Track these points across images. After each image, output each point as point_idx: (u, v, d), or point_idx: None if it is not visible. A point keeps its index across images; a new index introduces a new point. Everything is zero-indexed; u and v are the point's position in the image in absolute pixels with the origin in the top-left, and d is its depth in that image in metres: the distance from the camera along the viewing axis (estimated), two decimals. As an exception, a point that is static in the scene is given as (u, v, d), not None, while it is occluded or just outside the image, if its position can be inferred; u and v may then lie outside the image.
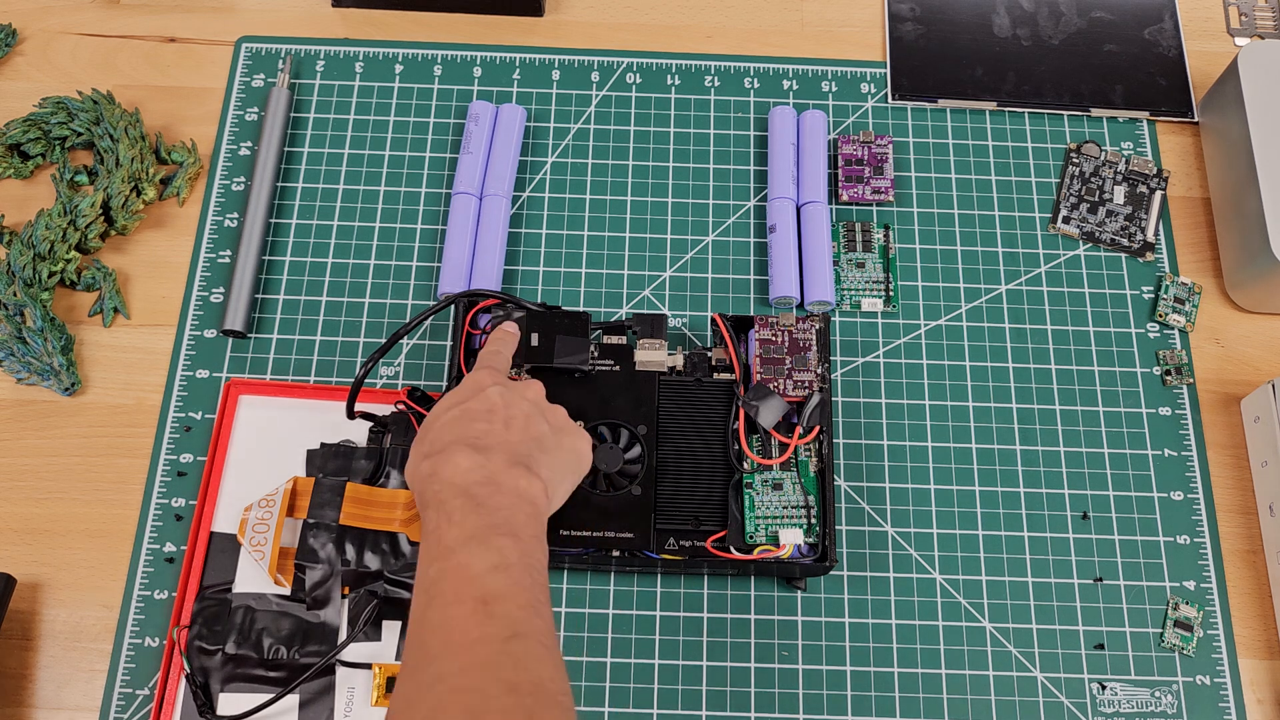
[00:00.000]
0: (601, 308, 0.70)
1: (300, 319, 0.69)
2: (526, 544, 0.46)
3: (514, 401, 0.53)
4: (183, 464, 0.66)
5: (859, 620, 0.63)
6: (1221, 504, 0.67)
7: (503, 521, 0.46)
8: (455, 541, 0.45)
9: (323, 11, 0.80)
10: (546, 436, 0.52)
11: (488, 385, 0.53)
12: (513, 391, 0.53)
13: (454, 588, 0.44)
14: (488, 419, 0.51)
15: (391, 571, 0.60)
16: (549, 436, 0.53)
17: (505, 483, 0.48)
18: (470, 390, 0.53)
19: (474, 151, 0.72)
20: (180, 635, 0.60)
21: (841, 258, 0.72)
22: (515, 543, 0.45)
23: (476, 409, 0.52)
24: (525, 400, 0.53)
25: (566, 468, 0.53)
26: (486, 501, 0.47)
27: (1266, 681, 0.63)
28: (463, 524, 0.46)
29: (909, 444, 0.67)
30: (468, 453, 0.49)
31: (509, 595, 0.44)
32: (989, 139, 0.76)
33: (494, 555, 0.44)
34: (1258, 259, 0.67)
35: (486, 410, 0.51)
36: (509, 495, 0.47)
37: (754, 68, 0.78)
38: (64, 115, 0.73)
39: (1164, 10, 0.81)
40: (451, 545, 0.45)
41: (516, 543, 0.45)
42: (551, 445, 0.53)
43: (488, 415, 0.51)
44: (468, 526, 0.46)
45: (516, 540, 0.45)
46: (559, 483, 0.52)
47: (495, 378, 0.54)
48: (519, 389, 0.54)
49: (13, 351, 0.67)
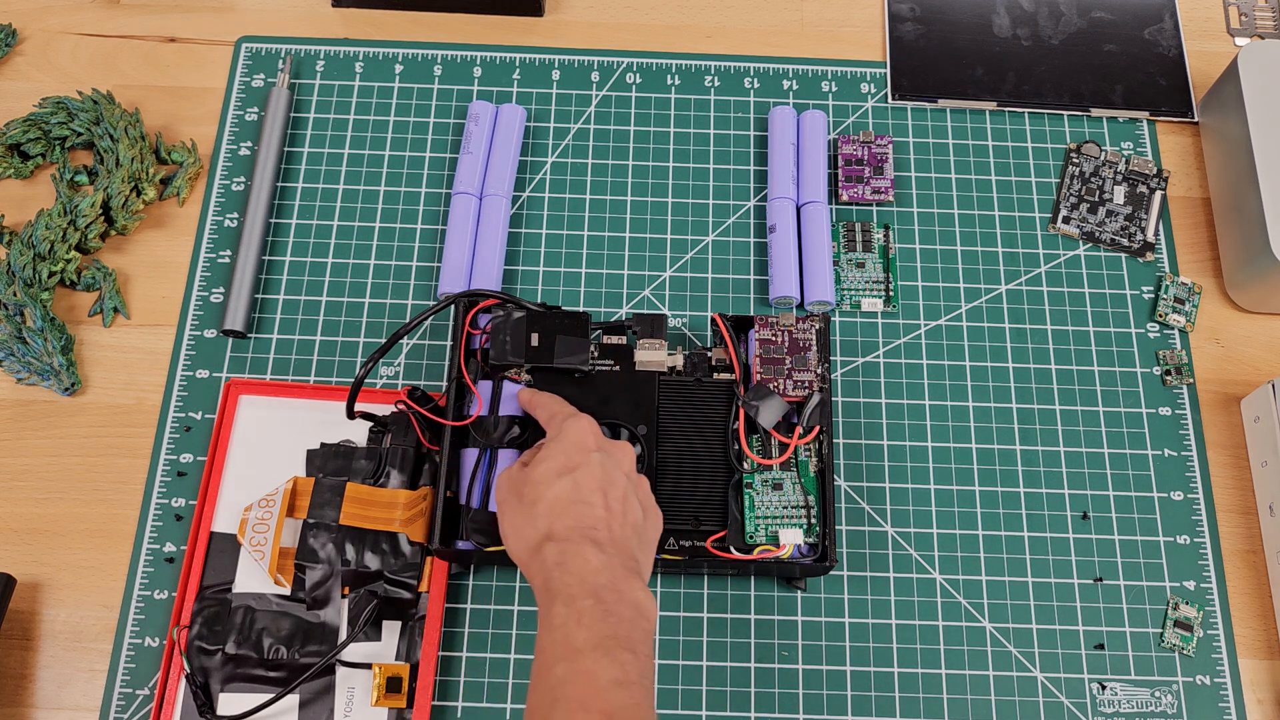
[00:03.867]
0: (601, 308, 0.70)
1: (300, 319, 0.69)
2: (643, 663, 0.47)
3: (615, 478, 0.53)
4: (183, 464, 0.66)
5: (859, 620, 0.63)
6: (1221, 504, 0.67)
7: (625, 635, 0.47)
8: (583, 645, 0.46)
9: (323, 11, 0.80)
10: (641, 525, 0.53)
11: (592, 448, 0.54)
12: (612, 459, 0.54)
13: (580, 697, 0.45)
14: (599, 504, 0.52)
15: (391, 571, 0.60)
16: (642, 525, 0.53)
17: (626, 593, 0.48)
18: (577, 450, 0.54)
19: (474, 151, 0.72)
20: (180, 635, 0.60)
21: (841, 258, 0.72)
22: (635, 659, 0.46)
23: (587, 485, 0.52)
24: (622, 474, 0.54)
25: (652, 555, 0.54)
26: (613, 610, 0.47)
27: (1266, 681, 0.63)
28: (591, 629, 0.47)
29: (909, 444, 0.67)
30: (594, 551, 0.49)
31: (628, 715, 0.45)
32: (989, 139, 0.76)
33: (617, 669, 0.46)
34: (1258, 259, 0.67)
35: (596, 489, 0.52)
36: (629, 607, 0.48)
37: (754, 68, 0.78)
38: (64, 115, 0.73)
39: (1164, 10, 0.81)
40: (579, 648, 0.46)
41: (636, 660, 0.46)
42: (647, 537, 0.54)
43: (599, 496, 0.52)
44: (595, 633, 0.46)
45: (636, 657, 0.47)
46: (648, 573, 0.53)
47: (596, 435, 0.55)
48: (617, 457, 0.54)
49: (13, 351, 0.67)
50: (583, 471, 0.52)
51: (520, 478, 0.54)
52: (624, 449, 0.56)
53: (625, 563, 0.50)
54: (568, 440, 0.54)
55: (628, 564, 0.50)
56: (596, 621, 0.47)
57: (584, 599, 0.48)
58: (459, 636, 0.62)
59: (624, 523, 0.52)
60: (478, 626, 0.62)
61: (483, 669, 0.61)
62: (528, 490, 0.53)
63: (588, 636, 0.46)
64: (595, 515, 0.51)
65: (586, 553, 0.49)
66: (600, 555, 0.49)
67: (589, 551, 0.49)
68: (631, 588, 0.49)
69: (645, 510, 0.54)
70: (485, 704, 0.61)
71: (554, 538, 0.50)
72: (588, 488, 0.52)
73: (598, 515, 0.51)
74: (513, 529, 0.53)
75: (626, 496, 0.53)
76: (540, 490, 0.52)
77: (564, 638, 0.47)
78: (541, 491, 0.52)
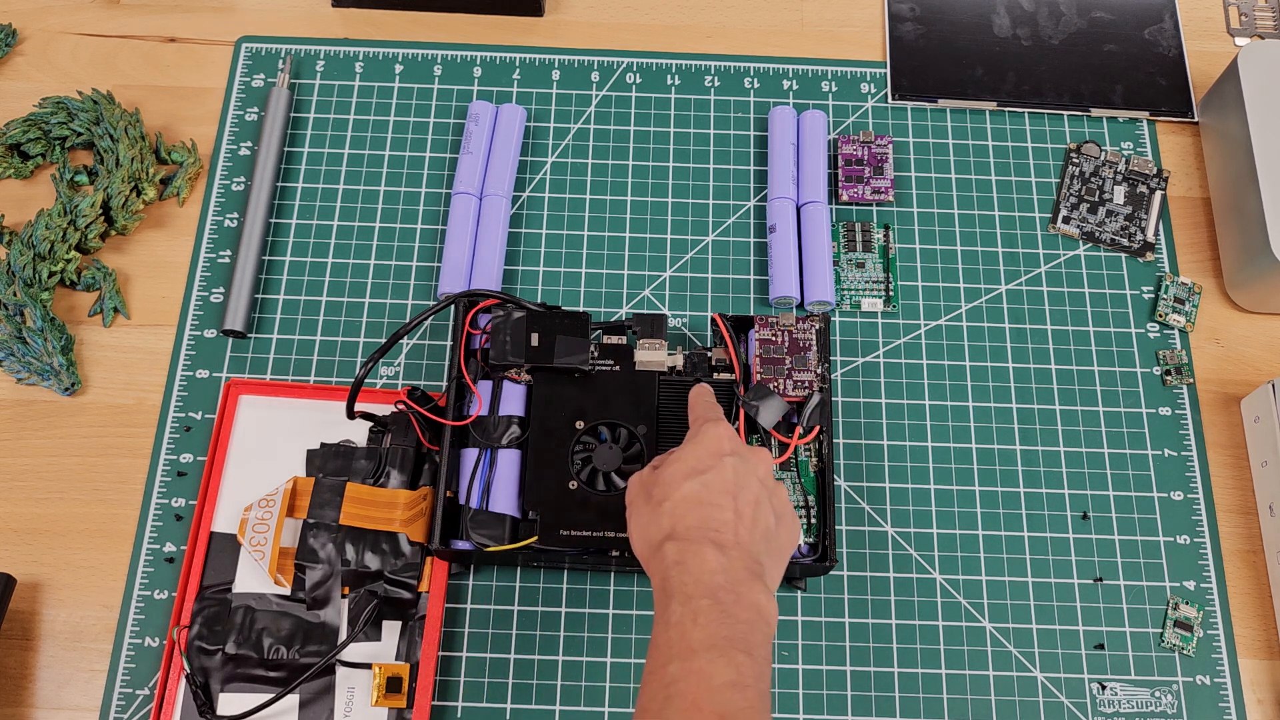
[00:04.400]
0: (601, 308, 0.70)
1: (300, 319, 0.69)
2: (760, 666, 0.47)
3: (748, 483, 0.52)
4: (183, 464, 0.66)
5: (859, 620, 0.63)
6: (1221, 504, 0.67)
7: (741, 636, 0.47)
8: (699, 644, 0.46)
9: (323, 11, 0.80)
10: (772, 531, 0.52)
11: (726, 452, 0.53)
12: (746, 465, 0.53)
13: (693, 696, 0.45)
14: (728, 507, 0.51)
15: (391, 571, 0.60)
16: (774, 531, 0.53)
17: (745, 595, 0.48)
18: (709, 454, 0.53)
19: (474, 151, 0.72)
20: (180, 635, 0.60)
21: (841, 258, 0.72)
22: (751, 662, 0.46)
23: (716, 487, 0.51)
24: (756, 479, 0.53)
25: (783, 563, 0.54)
26: (730, 610, 0.47)
27: (1266, 681, 0.63)
28: (707, 628, 0.46)
29: (909, 444, 0.67)
30: (714, 551, 0.49)
31: (743, 718, 0.44)
32: (989, 139, 0.76)
33: (732, 671, 0.45)
34: (1258, 259, 0.67)
35: (725, 492, 0.51)
36: (748, 609, 0.48)
37: (754, 68, 0.78)
38: (64, 115, 0.73)
39: (1164, 10, 0.81)
40: (695, 647, 0.46)
41: (752, 662, 0.46)
42: (779, 543, 0.53)
43: (728, 500, 0.51)
44: (711, 633, 0.46)
45: (752, 659, 0.46)
46: (777, 580, 0.53)
47: (733, 440, 0.54)
48: (752, 462, 0.54)
49: (13, 351, 0.67)
50: (713, 474, 0.52)
51: (650, 479, 0.53)
52: (761, 455, 0.55)
53: (748, 565, 0.49)
54: (702, 444, 0.53)
55: (751, 567, 0.49)
56: (713, 622, 0.46)
57: (701, 598, 0.47)
58: (459, 636, 0.62)
59: (752, 527, 0.51)
60: (478, 626, 0.62)
61: (483, 669, 0.61)
62: (656, 490, 0.52)
63: (703, 636, 0.46)
64: (721, 518, 0.50)
65: (706, 553, 0.49)
66: (720, 556, 0.49)
67: (709, 552, 0.49)
68: (752, 590, 0.48)
69: (780, 517, 0.53)
70: (485, 704, 0.61)
71: (675, 537, 0.50)
72: (716, 490, 0.51)
73: (724, 518, 0.50)
74: (638, 527, 0.53)
75: (759, 502, 0.52)
76: (668, 490, 0.52)
77: (679, 636, 0.46)
78: (669, 491, 0.52)
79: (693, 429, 0.56)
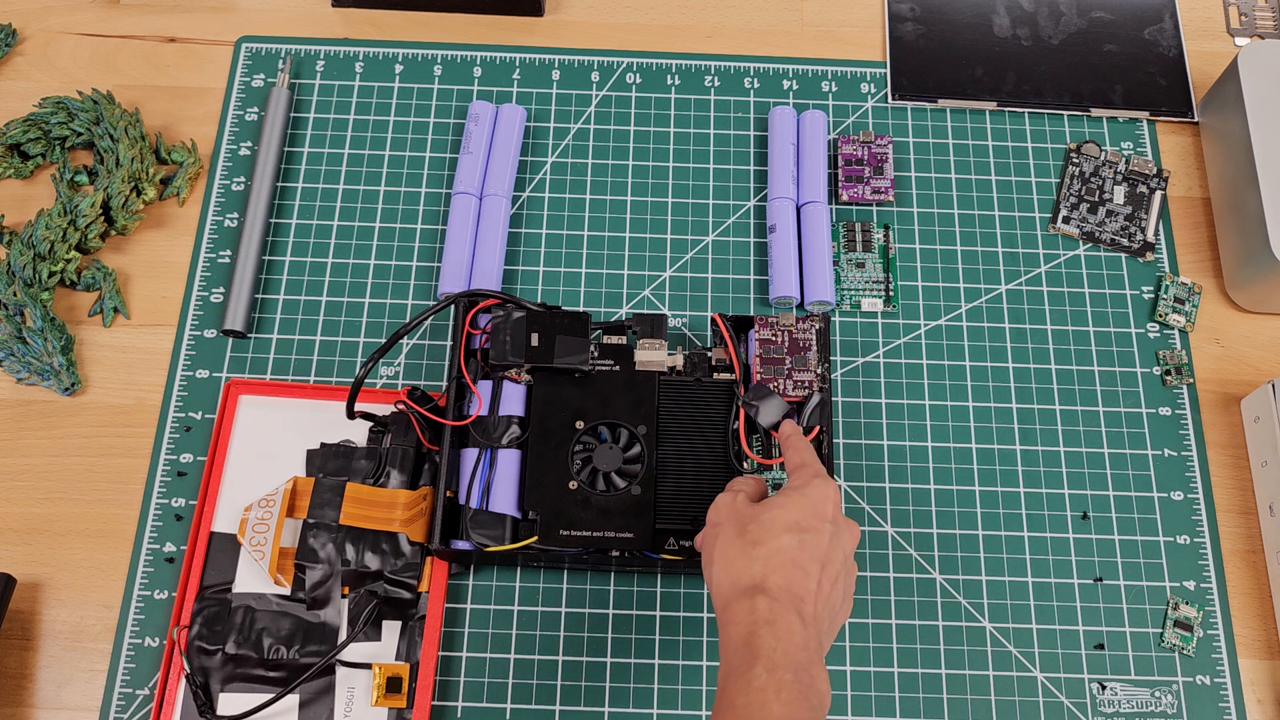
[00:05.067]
0: (601, 308, 0.70)
1: (300, 319, 0.69)
2: None
3: (834, 557, 0.52)
4: (183, 464, 0.66)
5: (859, 620, 0.63)
6: (1221, 504, 0.67)
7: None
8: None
9: (323, 11, 0.80)
10: (835, 612, 0.52)
11: (829, 517, 0.52)
12: (840, 538, 0.52)
13: None
14: (814, 576, 0.50)
15: (392, 571, 0.60)
16: (836, 610, 0.52)
17: (816, 679, 0.48)
18: (815, 515, 0.52)
19: (474, 151, 0.72)
20: (180, 635, 0.60)
21: (841, 258, 0.72)
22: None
23: (811, 552, 0.51)
24: (842, 554, 0.52)
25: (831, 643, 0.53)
26: (807, 692, 0.47)
27: (1266, 681, 0.63)
28: (787, 706, 0.46)
29: (909, 444, 0.67)
30: (799, 624, 0.48)
31: None
32: (989, 139, 0.76)
33: None
34: (1258, 259, 0.67)
35: (817, 560, 0.51)
36: (817, 696, 0.47)
37: (754, 68, 0.78)
38: (64, 115, 0.73)
39: (1164, 10, 0.81)
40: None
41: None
42: (835, 625, 0.53)
43: (816, 569, 0.50)
44: (789, 712, 0.46)
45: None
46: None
47: (837, 507, 0.53)
48: (844, 536, 0.53)
49: (13, 351, 0.67)
50: (812, 536, 0.51)
51: (748, 513, 0.52)
52: (853, 529, 0.54)
53: (818, 644, 0.49)
54: (809, 500, 0.52)
55: (819, 646, 0.49)
56: (794, 700, 0.46)
57: (786, 671, 0.47)
58: (459, 636, 0.62)
59: (826, 604, 0.51)
60: (478, 626, 0.62)
61: (483, 669, 0.61)
62: (753, 528, 0.51)
63: (782, 713, 0.46)
64: (807, 586, 0.50)
65: (793, 623, 0.48)
66: (803, 630, 0.48)
67: (795, 622, 0.48)
68: (821, 674, 0.48)
69: (845, 597, 0.53)
70: (485, 704, 0.61)
71: (768, 592, 0.49)
72: (810, 555, 0.50)
73: (809, 587, 0.50)
74: (723, 560, 0.51)
75: (837, 579, 0.51)
76: (765, 534, 0.51)
77: (760, 705, 0.46)
78: (766, 537, 0.51)
79: (800, 476, 0.55)
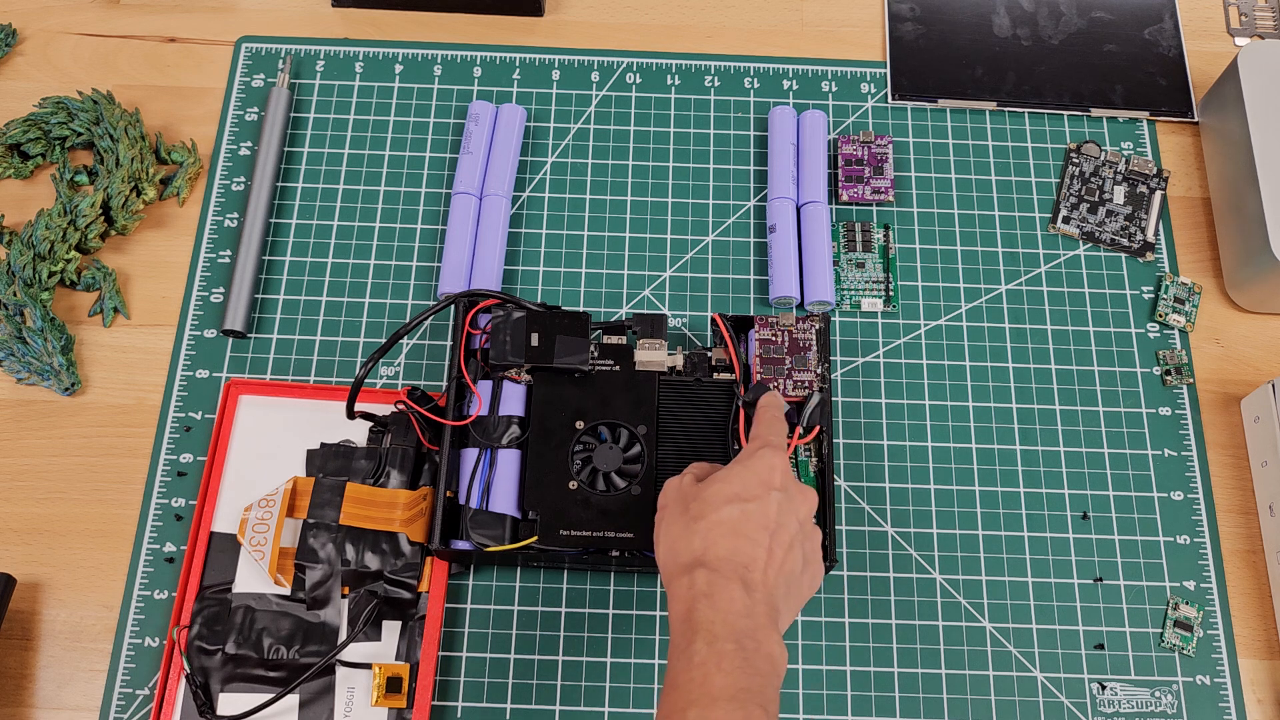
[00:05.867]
0: (601, 308, 0.70)
1: (300, 319, 0.69)
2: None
3: (786, 522, 0.51)
4: (183, 464, 0.66)
5: (859, 620, 0.63)
6: (1221, 504, 0.67)
7: (759, 690, 0.46)
8: (720, 693, 0.45)
9: (323, 11, 0.80)
10: (796, 576, 0.51)
11: (775, 485, 0.52)
12: (790, 504, 0.52)
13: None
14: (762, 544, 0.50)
15: (392, 571, 0.60)
16: (798, 576, 0.52)
17: (764, 643, 0.47)
18: (759, 483, 0.52)
19: (474, 151, 0.72)
20: (180, 635, 0.60)
21: (841, 258, 0.72)
22: (765, 718, 0.45)
23: (755, 520, 0.50)
24: (796, 520, 0.52)
25: (798, 609, 0.53)
26: (751, 659, 0.46)
27: (1266, 681, 0.63)
28: (730, 675, 0.46)
29: (909, 444, 0.67)
30: (741, 591, 0.48)
31: None
32: (989, 139, 0.76)
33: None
34: (1258, 259, 0.67)
35: (764, 528, 0.50)
36: (765, 660, 0.47)
37: (754, 68, 0.78)
38: (64, 115, 0.73)
39: (1164, 10, 0.81)
40: (716, 695, 0.45)
41: (766, 718, 0.45)
42: (798, 589, 0.52)
43: (764, 536, 0.50)
44: (733, 681, 0.45)
45: (766, 715, 0.46)
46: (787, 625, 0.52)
47: (785, 475, 0.53)
48: (796, 501, 0.52)
49: (13, 351, 0.67)
50: (756, 505, 0.51)
51: (690, 491, 0.52)
52: (807, 495, 0.54)
53: (768, 610, 0.48)
54: (753, 470, 0.52)
55: (770, 612, 0.49)
56: (736, 669, 0.46)
57: (726, 641, 0.46)
58: (459, 636, 0.62)
59: (779, 570, 0.50)
60: (478, 626, 0.62)
61: (483, 669, 0.61)
62: (695, 505, 0.51)
63: (725, 684, 0.45)
64: (753, 554, 0.49)
65: (734, 591, 0.48)
66: (746, 597, 0.48)
67: (736, 590, 0.48)
68: (769, 639, 0.48)
69: (807, 563, 0.52)
70: (485, 704, 0.61)
71: (707, 564, 0.49)
72: (755, 523, 0.50)
73: (756, 554, 0.49)
74: (667, 539, 0.52)
75: (792, 545, 0.51)
76: (706, 509, 0.51)
77: (702, 679, 0.46)
78: (706, 510, 0.51)
79: (749, 447, 0.54)
